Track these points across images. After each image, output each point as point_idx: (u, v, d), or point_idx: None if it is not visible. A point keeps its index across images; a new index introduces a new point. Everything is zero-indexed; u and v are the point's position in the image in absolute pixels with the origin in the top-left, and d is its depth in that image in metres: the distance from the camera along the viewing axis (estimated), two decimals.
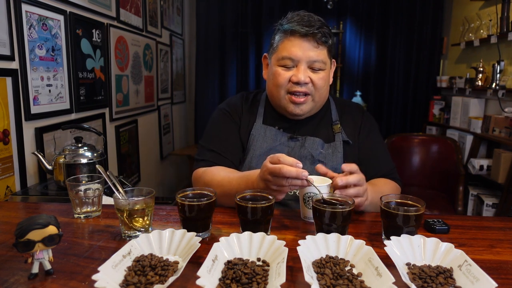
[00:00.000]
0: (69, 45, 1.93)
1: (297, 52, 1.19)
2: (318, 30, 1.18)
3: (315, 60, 1.19)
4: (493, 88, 2.85)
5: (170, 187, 3.80)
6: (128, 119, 2.76)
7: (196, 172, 1.26)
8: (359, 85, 4.09)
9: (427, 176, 3.15)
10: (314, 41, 1.18)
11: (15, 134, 1.57)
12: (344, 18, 3.99)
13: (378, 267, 0.70)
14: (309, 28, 1.17)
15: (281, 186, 0.94)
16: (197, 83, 4.15)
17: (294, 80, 1.20)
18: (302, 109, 1.24)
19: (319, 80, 1.21)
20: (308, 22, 1.19)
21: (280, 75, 1.22)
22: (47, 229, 0.71)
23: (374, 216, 1.10)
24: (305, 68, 1.20)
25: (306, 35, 1.18)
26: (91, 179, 1.08)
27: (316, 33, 1.17)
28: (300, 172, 0.90)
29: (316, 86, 1.21)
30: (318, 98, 1.25)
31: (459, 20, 3.65)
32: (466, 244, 0.91)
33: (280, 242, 0.79)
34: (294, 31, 1.19)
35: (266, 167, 0.95)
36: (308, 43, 1.18)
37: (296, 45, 1.19)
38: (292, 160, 0.92)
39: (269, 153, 1.26)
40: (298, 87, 1.20)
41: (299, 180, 0.91)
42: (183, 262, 0.76)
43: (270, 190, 0.96)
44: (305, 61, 1.19)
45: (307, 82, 1.20)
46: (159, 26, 3.35)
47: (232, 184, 1.11)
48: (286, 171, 0.90)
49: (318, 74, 1.21)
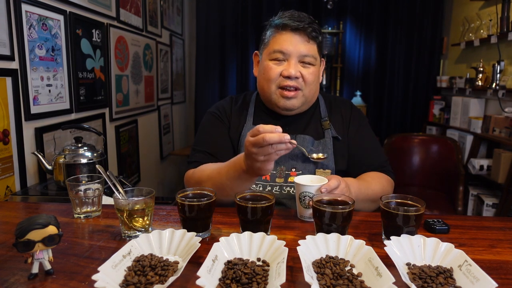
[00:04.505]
0: (69, 45, 1.93)
1: (288, 46, 1.20)
2: (309, 25, 1.21)
3: (305, 54, 1.21)
4: (493, 88, 2.85)
5: (170, 187, 3.80)
6: (128, 119, 2.76)
7: (187, 173, 1.26)
8: (359, 85, 4.09)
9: (427, 176, 3.15)
10: (305, 35, 1.20)
11: (15, 134, 1.56)
12: (344, 18, 3.99)
13: (378, 267, 0.70)
14: (300, 23, 1.20)
15: (267, 155, 0.94)
16: (197, 83, 4.15)
17: (285, 74, 1.21)
18: (293, 104, 1.25)
19: (309, 74, 1.23)
20: (298, 18, 1.22)
21: (271, 69, 1.23)
22: (47, 229, 0.71)
23: (374, 216, 1.09)
24: (296, 63, 1.22)
25: (297, 29, 1.20)
26: (91, 179, 1.08)
27: (306, 27, 1.20)
28: (282, 136, 0.91)
29: (306, 81, 1.23)
30: (308, 93, 1.26)
31: (459, 20, 3.65)
32: (466, 244, 0.91)
33: (280, 242, 0.79)
34: (285, 25, 1.21)
35: (249, 141, 0.95)
36: (299, 37, 1.21)
37: (287, 39, 1.21)
38: (271, 127, 0.93)
39: None
40: (288, 81, 1.21)
41: (283, 144, 0.92)
42: (183, 262, 0.76)
43: (258, 162, 0.96)
44: (296, 55, 1.21)
45: (297, 76, 1.21)
46: (159, 26, 3.35)
47: (221, 173, 1.11)
48: (269, 138, 0.91)
49: (308, 69, 1.23)
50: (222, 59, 4.10)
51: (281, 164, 1.26)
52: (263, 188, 1.24)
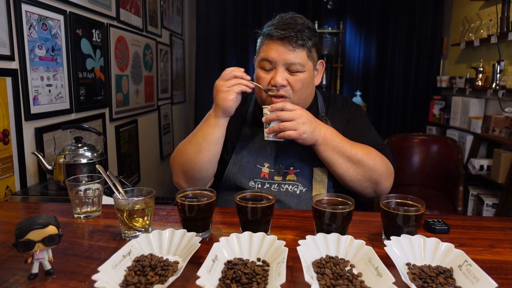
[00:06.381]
0: (69, 45, 1.93)
1: (274, 55, 1.21)
2: (295, 33, 1.19)
3: (291, 62, 1.20)
4: (493, 88, 2.85)
5: (170, 187, 3.80)
6: (128, 119, 2.76)
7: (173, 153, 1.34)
8: (359, 85, 4.09)
9: (427, 176, 3.15)
10: (290, 44, 1.20)
11: (15, 134, 1.57)
12: (344, 18, 3.99)
13: (378, 267, 0.70)
14: (285, 32, 1.19)
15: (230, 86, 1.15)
16: (197, 83, 4.15)
17: (272, 83, 1.22)
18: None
19: (296, 82, 1.22)
20: (286, 25, 1.20)
21: (260, 78, 1.25)
22: (47, 229, 0.71)
23: (374, 216, 1.10)
24: (283, 71, 1.21)
25: (281, 38, 1.20)
26: (91, 179, 1.08)
27: (292, 36, 1.18)
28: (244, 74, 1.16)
29: (293, 88, 1.23)
30: (297, 100, 1.25)
31: (459, 20, 3.65)
32: (466, 244, 0.91)
33: (280, 242, 0.79)
34: (271, 35, 1.22)
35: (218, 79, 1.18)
36: (283, 47, 1.20)
37: (273, 48, 1.21)
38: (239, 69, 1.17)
39: (259, 152, 1.28)
40: (275, 90, 1.22)
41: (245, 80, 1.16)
42: (183, 262, 0.76)
43: (222, 93, 1.15)
44: (281, 63, 1.21)
45: (284, 84, 1.21)
46: (159, 26, 3.35)
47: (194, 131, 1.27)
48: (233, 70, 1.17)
49: (296, 77, 1.22)
50: (222, 59, 4.10)
51: (280, 163, 1.26)
52: (262, 185, 1.24)
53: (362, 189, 1.21)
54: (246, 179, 1.25)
